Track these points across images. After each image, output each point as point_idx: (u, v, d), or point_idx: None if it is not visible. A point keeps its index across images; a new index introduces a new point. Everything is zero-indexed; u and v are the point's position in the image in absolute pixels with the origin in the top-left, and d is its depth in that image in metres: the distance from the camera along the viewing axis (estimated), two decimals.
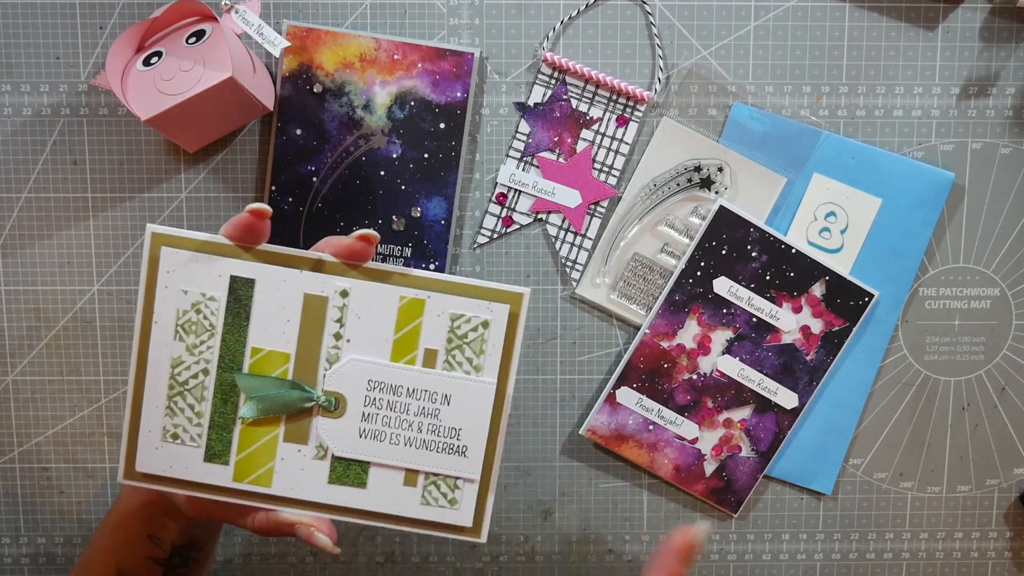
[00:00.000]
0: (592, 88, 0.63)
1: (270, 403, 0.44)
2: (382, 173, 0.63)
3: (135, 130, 0.64)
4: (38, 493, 0.67)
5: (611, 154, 0.63)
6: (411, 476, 0.44)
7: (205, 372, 0.44)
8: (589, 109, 0.63)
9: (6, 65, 0.63)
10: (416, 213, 0.64)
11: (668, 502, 0.67)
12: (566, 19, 0.63)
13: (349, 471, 0.44)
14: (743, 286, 0.63)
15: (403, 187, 0.63)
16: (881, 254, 0.64)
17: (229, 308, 0.44)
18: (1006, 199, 0.64)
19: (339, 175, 0.63)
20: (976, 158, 0.64)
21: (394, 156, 0.63)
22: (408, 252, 0.64)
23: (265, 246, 0.44)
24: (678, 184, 0.63)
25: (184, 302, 0.43)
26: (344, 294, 0.44)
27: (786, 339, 0.64)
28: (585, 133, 0.63)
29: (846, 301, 0.63)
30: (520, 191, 0.64)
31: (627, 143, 0.63)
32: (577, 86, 0.63)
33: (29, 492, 0.66)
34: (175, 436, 0.44)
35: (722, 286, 0.63)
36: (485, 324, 0.44)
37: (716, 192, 0.63)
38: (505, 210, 0.64)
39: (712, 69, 0.63)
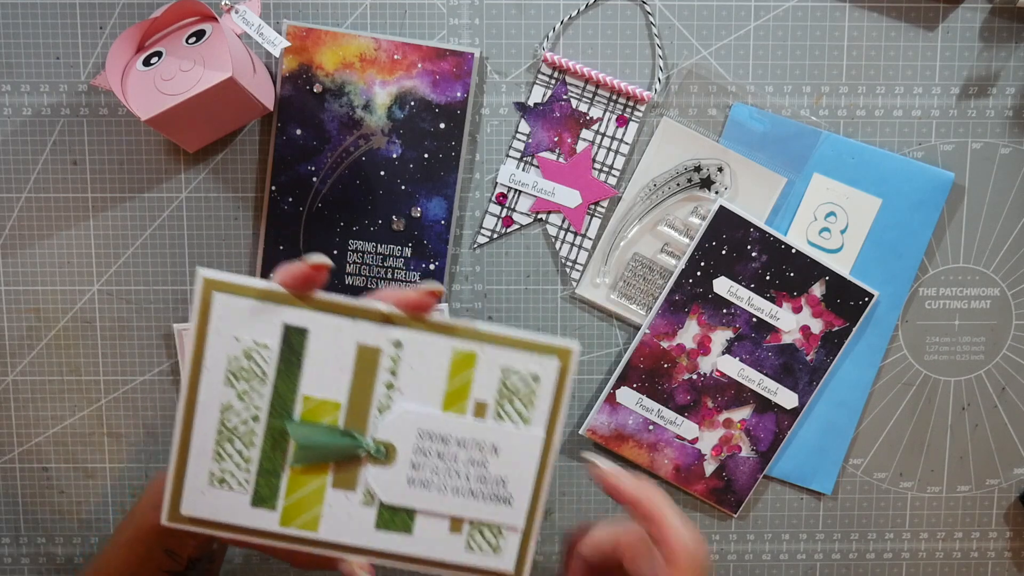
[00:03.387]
0: (592, 88, 0.63)
1: (321, 451, 0.44)
2: (382, 173, 0.63)
3: (135, 130, 0.64)
4: (38, 493, 0.67)
5: (611, 154, 0.63)
6: (456, 523, 0.45)
7: (255, 419, 0.44)
8: (589, 109, 0.63)
9: (6, 65, 0.63)
10: (416, 213, 0.64)
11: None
12: (566, 19, 0.63)
13: (396, 517, 0.45)
14: (743, 286, 0.63)
15: (403, 187, 0.63)
16: (881, 254, 0.64)
17: (282, 356, 0.43)
18: (1006, 199, 0.64)
19: (339, 175, 0.63)
20: (976, 158, 0.64)
21: (394, 156, 0.63)
22: (408, 252, 0.64)
23: (320, 294, 0.43)
24: (678, 184, 0.63)
25: (235, 348, 0.43)
26: (398, 345, 0.44)
27: (786, 339, 0.64)
28: (585, 133, 0.63)
29: (846, 301, 0.63)
30: (520, 191, 0.64)
31: (627, 143, 0.63)
32: (577, 86, 0.63)
33: (29, 492, 0.66)
34: (222, 481, 0.44)
35: (722, 286, 0.63)
36: (535, 377, 0.44)
37: (716, 192, 0.63)
38: (505, 210, 0.64)
39: (712, 69, 0.63)
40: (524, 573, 0.45)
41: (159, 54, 0.57)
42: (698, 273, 0.63)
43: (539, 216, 0.64)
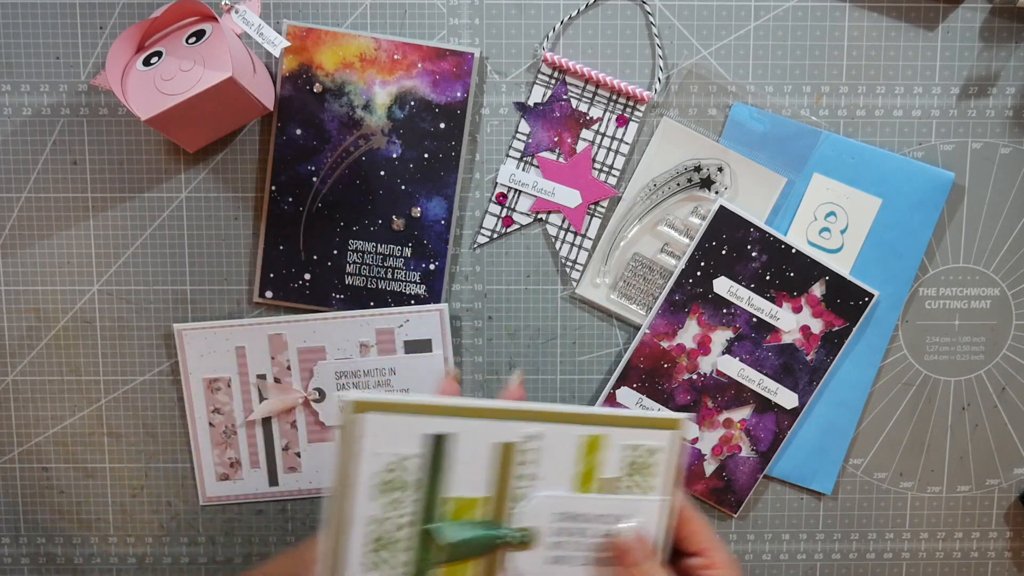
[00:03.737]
0: (592, 88, 0.63)
1: (469, 546, 0.46)
2: (382, 173, 0.63)
3: (135, 130, 0.64)
4: (38, 493, 0.67)
5: (611, 154, 0.63)
6: None
7: (400, 528, 0.45)
8: (589, 109, 0.63)
9: (6, 65, 0.63)
10: (416, 213, 0.64)
11: None
12: (566, 19, 0.63)
13: None
14: (743, 286, 0.63)
15: (403, 187, 0.63)
16: (881, 254, 0.64)
17: (427, 463, 0.45)
18: (1006, 199, 0.64)
19: (339, 175, 0.63)
20: (976, 158, 0.64)
21: (394, 156, 0.63)
22: (408, 252, 0.64)
23: (453, 400, 0.46)
24: (678, 184, 0.63)
25: (381, 465, 0.45)
26: (531, 438, 0.46)
27: (786, 339, 0.64)
28: (585, 133, 0.63)
29: (846, 301, 0.63)
30: (520, 191, 0.64)
31: (627, 143, 0.63)
32: (577, 86, 0.63)
33: (29, 492, 0.66)
34: None
35: (722, 286, 0.63)
36: (654, 450, 0.48)
37: (716, 192, 0.63)
38: (505, 210, 0.64)
39: (712, 69, 0.63)
40: None
41: (159, 54, 0.57)
42: (698, 273, 0.63)
43: (539, 216, 0.64)
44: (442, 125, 0.63)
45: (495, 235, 0.65)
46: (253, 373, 0.63)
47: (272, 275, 0.64)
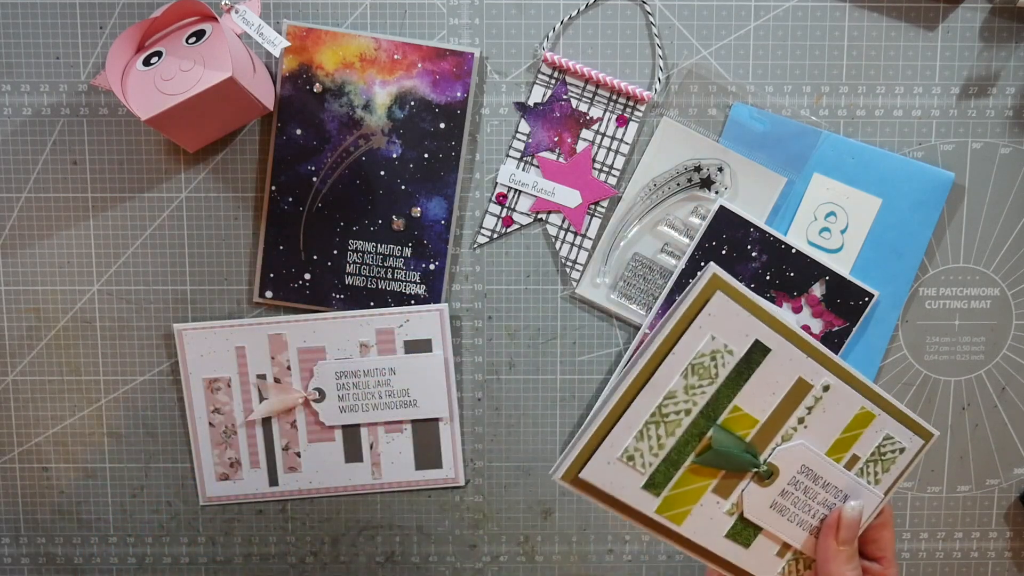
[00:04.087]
0: (592, 88, 0.63)
1: (726, 459, 0.48)
2: (382, 173, 0.63)
3: (135, 130, 0.64)
4: (38, 493, 0.67)
5: (611, 154, 0.63)
6: (784, 549, 0.50)
7: (687, 412, 0.47)
8: (589, 109, 0.63)
9: (6, 65, 0.63)
10: (416, 213, 0.64)
11: None
12: (566, 19, 0.63)
13: (744, 531, 0.49)
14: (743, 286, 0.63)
15: (403, 187, 0.63)
16: (881, 254, 0.64)
17: (739, 366, 0.47)
18: (1006, 199, 0.64)
19: (339, 175, 0.63)
20: (976, 158, 0.64)
21: (394, 156, 0.63)
22: (408, 252, 0.64)
23: (786, 318, 0.48)
24: (678, 184, 0.63)
25: (706, 346, 0.47)
26: (825, 388, 0.48)
27: None
28: (585, 133, 0.63)
29: (846, 301, 0.63)
30: (520, 191, 0.64)
31: (627, 143, 0.63)
32: (577, 86, 0.63)
33: (29, 492, 0.66)
34: (631, 458, 0.47)
35: None
36: (902, 450, 0.50)
37: (716, 192, 0.63)
38: (505, 210, 0.64)
39: (712, 69, 0.63)
40: None
41: (159, 54, 0.57)
42: (698, 273, 0.63)
43: (539, 216, 0.64)
44: (442, 125, 0.63)
45: (495, 235, 0.65)
46: (253, 373, 0.63)
47: (272, 275, 0.64)
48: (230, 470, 0.65)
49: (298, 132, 0.63)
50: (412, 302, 0.64)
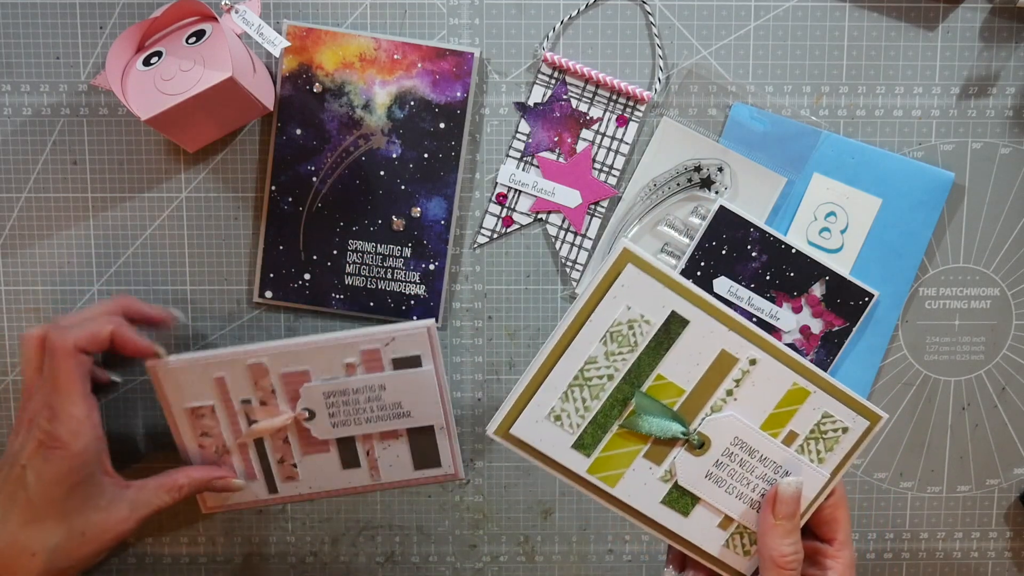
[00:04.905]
0: (592, 88, 0.63)
1: (652, 425, 0.49)
2: (382, 173, 0.63)
3: (135, 130, 0.64)
4: None
5: (611, 154, 0.63)
6: (727, 521, 0.51)
7: (610, 378, 0.49)
8: (589, 109, 0.63)
9: (6, 65, 0.63)
10: (416, 213, 0.64)
11: None
12: (566, 19, 0.63)
13: (681, 499, 0.51)
14: (743, 286, 0.63)
15: (403, 187, 0.63)
16: (881, 254, 0.64)
17: (657, 336, 0.49)
18: (1006, 199, 0.64)
19: (339, 175, 0.63)
20: (976, 158, 0.64)
21: (394, 156, 0.63)
22: (408, 252, 0.64)
23: (705, 296, 0.49)
24: (678, 184, 0.63)
25: (622, 315, 0.48)
26: (752, 362, 0.49)
27: (786, 339, 0.64)
28: (585, 133, 0.63)
29: (846, 301, 0.63)
30: (520, 191, 0.64)
31: (627, 143, 0.63)
32: (577, 86, 0.63)
33: None
34: (557, 418, 0.49)
35: (722, 286, 0.63)
36: (844, 429, 0.51)
37: (716, 192, 0.63)
38: (505, 210, 0.64)
39: (712, 69, 0.63)
40: None
41: (159, 54, 0.57)
42: (698, 273, 0.63)
43: (539, 216, 0.64)
44: (442, 125, 0.63)
45: (495, 235, 0.65)
46: (236, 399, 0.60)
47: (272, 275, 0.64)
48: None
49: (298, 132, 0.63)
50: (412, 302, 0.64)
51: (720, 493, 0.51)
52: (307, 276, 0.64)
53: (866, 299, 0.63)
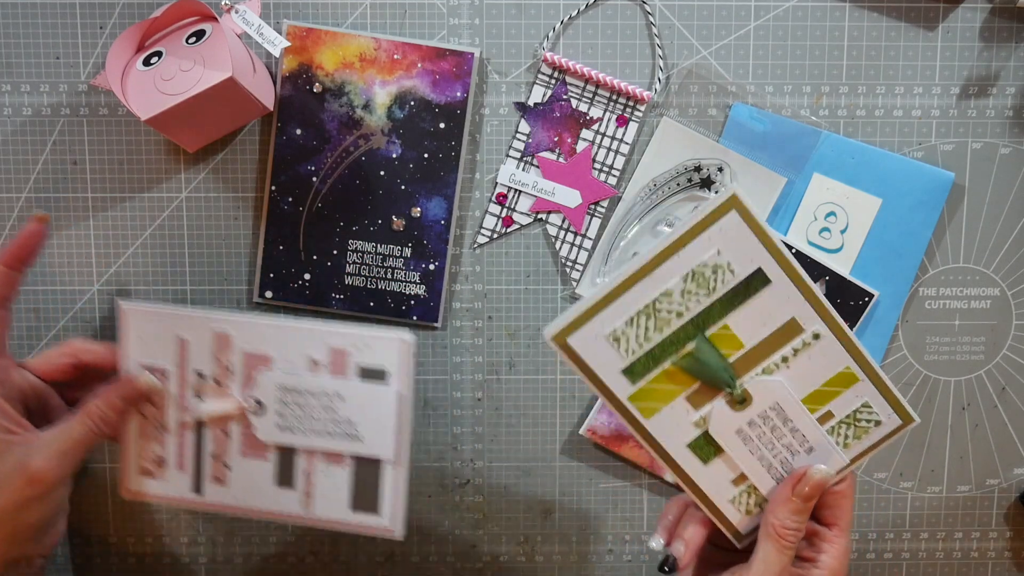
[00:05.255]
0: (592, 88, 0.63)
1: (704, 370, 0.49)
2: (382, 173, 0.63)
3: (135, 130, 0.64)
4: None
5: (611, 154, 0.63)
6: (740, 479, 0.52)
7: (679, 315, 0.49)
8: (589, 109, 0.63)
9: (6, 65, 0.63)
10: (416, 213, 0.64)
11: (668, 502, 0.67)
12: (566, 19, 0.63)
13: (706, 447, 0.51)
14: None
15: (403, 187, 0.63)
16: (881, 254, 0.64)
17: (736, 287, 0.49)
18: (1006, 199, 0.64)
19: (339, 175, 0.63)
20: (976, 158, 0.64)
21: (394, 156, 0.63)
22: (408, 252, 0.64)
23: (795, 263, 0.49)
24: (678, 184, 0.63)
25: (710, 259, 0.48)
26: (816, 336, 0.50)
27: None
28: (585, 133, 0.63)
29: (846, 301, 0.63)
30: (520, 191, 0.64)
31: (627, 143, 0.63)
32: (577, 86, 0.63)
33: None
34: (616, 340, 0.49)
35: None
36: (877, 423, 0.51)
37: (716, 192, 0.63)
38: (505, 210, 0.64)
39: (712, 69, 0.63)
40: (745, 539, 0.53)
41: (159, 54, 0.57)
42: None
43: (539, 216, 0.64)
44: (442, 125, 0.63)
45: (495, 235, 0.65)
46: (192, 369, 0.58)
47: (272, 275, 0.64)
48: (154, 466, 0.60)
49: (298, 132, 0.63)
50: (412, 302, 0.64)
51: (744, 451, 0.51)
52: (307, 276, 0.64)
53: (866, 299, 0.63)
